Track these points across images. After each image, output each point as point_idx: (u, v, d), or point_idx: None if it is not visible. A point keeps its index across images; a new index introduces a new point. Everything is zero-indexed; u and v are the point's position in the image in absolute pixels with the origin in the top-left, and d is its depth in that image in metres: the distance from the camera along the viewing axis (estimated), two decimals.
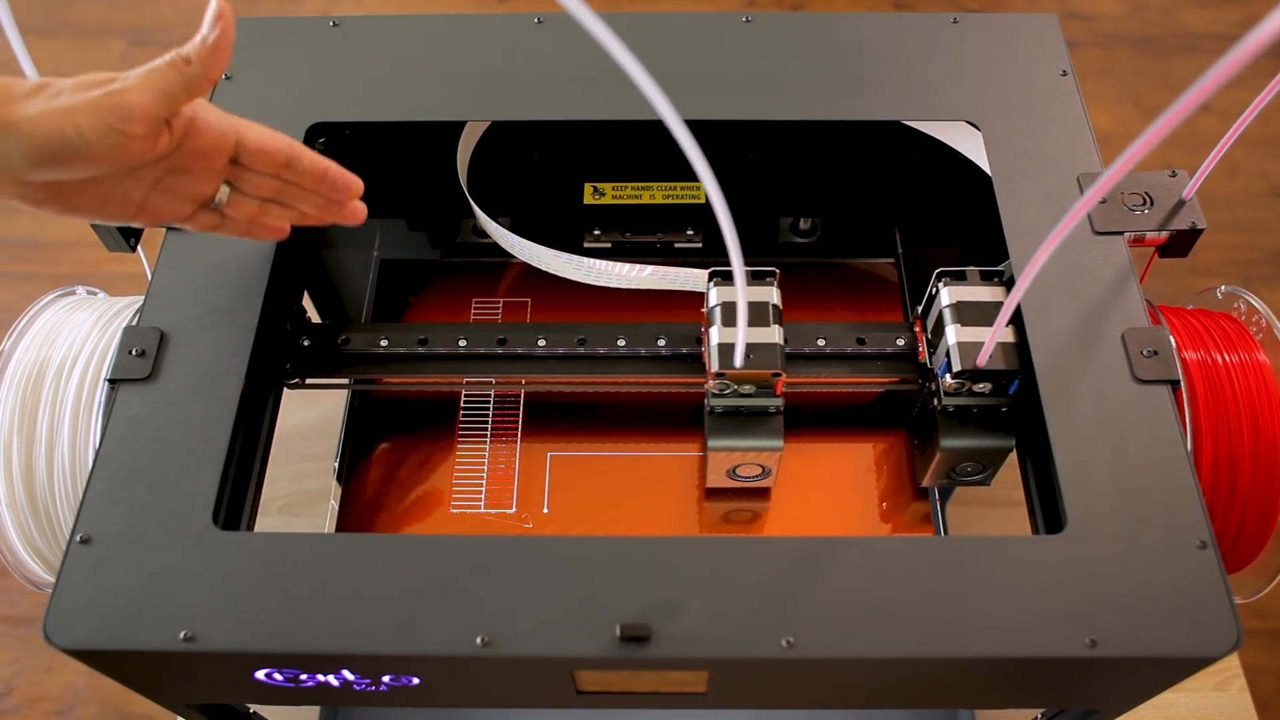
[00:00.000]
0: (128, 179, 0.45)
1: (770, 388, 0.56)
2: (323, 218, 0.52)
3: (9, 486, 0.55)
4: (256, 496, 0.56)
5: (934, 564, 0.47)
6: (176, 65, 0.43)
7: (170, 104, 0.43)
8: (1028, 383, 0.53)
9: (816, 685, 0.50)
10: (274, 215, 0.51)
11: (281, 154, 0.49)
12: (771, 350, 0.55)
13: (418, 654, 0.45)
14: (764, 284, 0.57)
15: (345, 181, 0.51)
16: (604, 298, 0.72)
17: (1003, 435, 0.56)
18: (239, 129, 0.47)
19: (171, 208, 0.48)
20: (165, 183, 0.47)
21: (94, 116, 0.41)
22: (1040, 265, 0.43)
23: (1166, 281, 1.41)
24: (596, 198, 0.71)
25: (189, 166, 0.47)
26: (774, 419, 0.57)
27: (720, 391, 0.56)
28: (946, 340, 0.55)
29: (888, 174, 0.70)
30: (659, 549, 0.48)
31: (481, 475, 0.65)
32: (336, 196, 0.51)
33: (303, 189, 0.50)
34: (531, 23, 0.67)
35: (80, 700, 1.16)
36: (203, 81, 0.44)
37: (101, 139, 0.42)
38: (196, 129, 0.46)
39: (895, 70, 0.64)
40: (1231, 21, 1.77)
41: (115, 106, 0.42)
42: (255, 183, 0.49)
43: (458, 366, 0.61)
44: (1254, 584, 0.59)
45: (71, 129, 0.41)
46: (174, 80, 0.43)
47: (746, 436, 0.57)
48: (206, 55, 0.44)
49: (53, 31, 1.78)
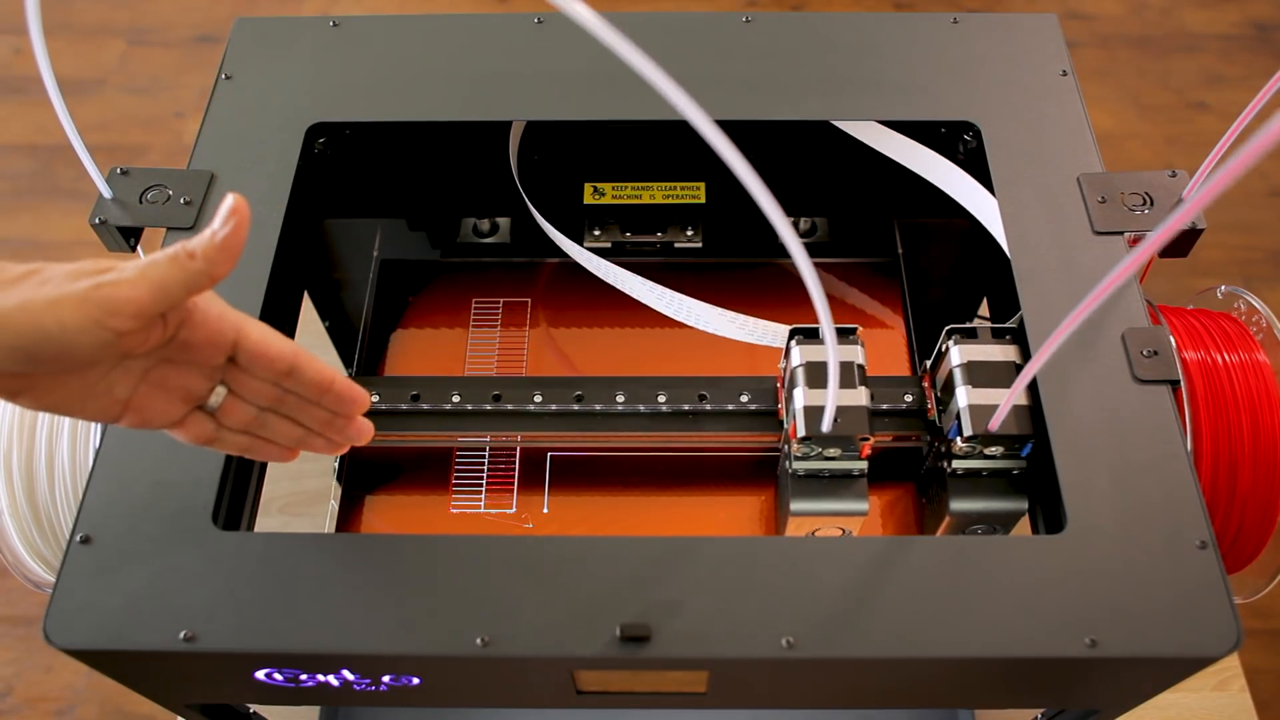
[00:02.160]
0: (114, 372, 0.41)
1: (856, 450, 0.54)
2: (326, 434, 0.48)
3: (9, 487, 0.55)
4: (256, 496, 0.56)
5: (934, 564, 0.47)
6: (179, 260, 0.39)
7: (166, 301, 0.39)
8: (1041, 440, 0.52)
9: (816, 685, 0.50)
10: (272, 428, 0.46)
11: (284, 360, 0.44)
12: (860, 413, 0.52)
13: (418, 654, 0.45)
14: (849, 342, 0.55)
15: (351, 395, 0.46)
16: (605, 299, 0.72)
17: (1016, 498, 0.54)
18: (240, 327, 0.43)
19: (161, 407, 0.43)
20: (155, 374, 0.42)
21: (79, 311, 0.37)
22: (1059, 342, 0.41)
23: (1166, 281, 1.41)
24: (596, 198, 0.71)
25: (181, 359, 0.42)
26: (858, 481, 0.55)
27: (805, 455, 0.54)
28: (957, 402, 0.53)
29: (888, 174, 0.70)
30: (659, 549, 0.48)
31: (481, 475, 0.65)
32: (342, 410, 0.47)
33: (304, 400, 0.46)
34: (531, 23, 0.67)
35: (80, 700, 1.16)
36: (204, 279, 0.40)
37: (84, 335, 0.38)
38: (193, 321, 0.42)
39: (895, 70, 0.64)
40: (1231, 21, 1.77)
41: (104, 301, 0.38)
42: (253, 388, 0.45)
43: (451, 423, 0.59)
44: (1254, 584, 0.59)
45: (53, 323, 0.37)
46: (174, 276, 0.39)
47: (831, 499, 0.55)
48: (214, 253, 0.40)
49: (53, 31, 1.78)
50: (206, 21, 1.81)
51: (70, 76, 1.72)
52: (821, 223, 0.78)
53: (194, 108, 1.67)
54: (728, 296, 0.73)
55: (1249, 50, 1.73)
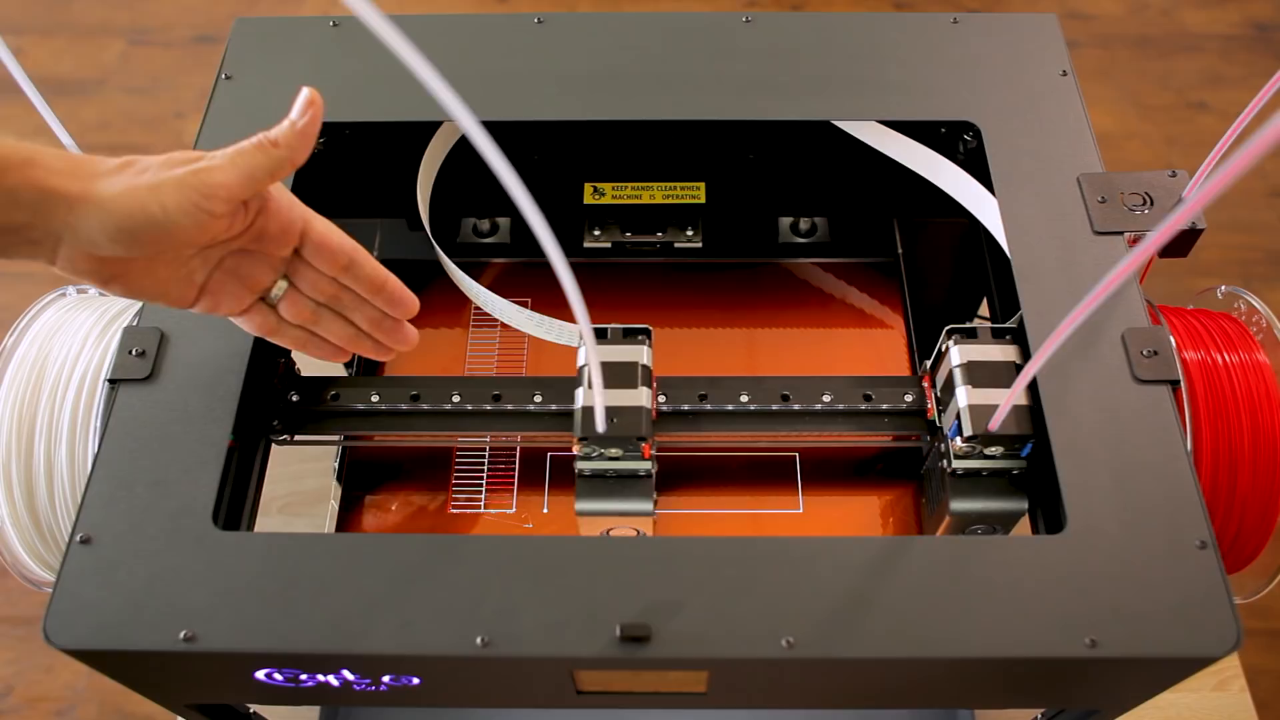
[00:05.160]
0: (195, 259, 0.46)
1: (638, 451, 0.54)
2: (374, 336, 0.52)
3: (8, 487, 0.55)
4: (256, 496, 0.56)
5: (934, 564, 0.47)
6: (264, 147, 0.44)
7: (254, 185, 0.44)
8: (1040, 440, 0.52)
9: (816, 685, 0.50)
10: (326, 324, 0.51)
11: (344, 253, 0.49)
12: (637, 414, 0.52)
13: (418, 654, 0.45)
14: (634, 343, 0.55)
15: (403, 296, 0.51)
16: (604, 299, 0.72)
17: (1015, 498, 0.54)
18: (308, 218, 0.48)
19: (231, 294, 0.48)
20: (229, 264, 0.47)
21: (179, 194, 0.42)
22: (1060, 342, 0.41)
23: (1166, 281, 1.41)
24: (596, 198, 0.71)
25: (254, 249, 0.47)
26: (644, 482, 0.55)
27: (587, 455, 0.54)
28: (957, 402, 0.53)
29: (888, 174, 0.70)
30: (659, 549, 0.48)
31: (481, 476, 0.65)
32: (393, 312, 0.51)
33: (359, 298, 0.50)
34: (531, 23, 0.67)
35: (80, 700, 1.16)
36: (287, 165, 0.44)
37: (185, 216, 0.42)
38: (268, 211, 0.46)
39: (895, 70, 0.64)
40: (1232, 21, 1.77)
41: (201, 185, 0.42)
42: (312, 280, 0.49)
43: (451, 422, 0.59)
44: (1254, 584, 0.59)
45: (156, 205, 0.41)
46: (260, 162, 0.43)
47: (615, 500, 0.55)
48: (294, 139, 0.44)
49: (53, 31, 1.78)
50: (206, 21, 1.80)
51: (70, 76, 1.72)
52: (821, 223, 0.78)
53: (194, 108, 1.67)
54: (728, 296, 0.73)
55: (1249, 50, 1.73)
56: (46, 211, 0.41)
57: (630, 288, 0.73)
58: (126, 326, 0.55)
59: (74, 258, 0.42)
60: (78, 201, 0.41)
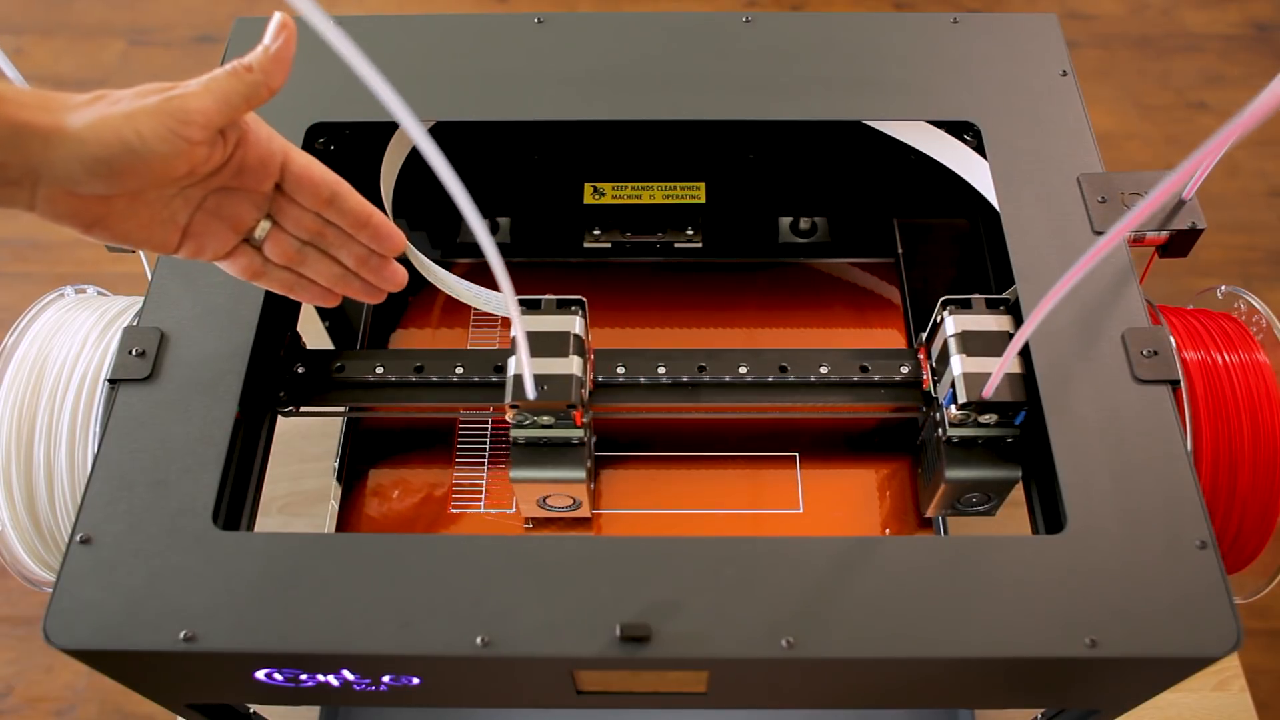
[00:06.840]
0: (177, 199, 0.45)
1: (569, 419, 0.54)
2: (361, 275, 0.51)
3: (8, 487, 0.55)
4: (256, 496, 0.56)
5: (934, 564, 0.47)
6: (238, 73, 0.43)
7: (230, 111, 0.43)
8: (1034, 409, 0.52)
9: (816, 685, 0.50)
10: (313, 264, 0.50)
11: (327, 186, 0.48)
12: (566, 382, 0.53)
13: (418, 654, 0.45)
14: (567, 313, 0.56)
15: (388, 231, 0.50)
16: (604, 299, 0.72)
17: (1009, 466, 0.55)
18: (287, 150, 0.47)
19: (215, 235, 0.47)
20: (211, 203, 0.46)
21: (154, 120, 0.41)
22: (1051, 306, 0.42)
23: (1166, 281, 1.41)
24: (596, 198, 0.71)
25: (235, 185, 0.46)
26: (577, 450, 0.55)
27: (520, 423, 0.55)
28: (952, 371, 0.54)
29: (888, 174, 0.70)
30: (659, 549, 0.48)
31: (482, 475, 0.65)
32: (378, 248, 0.50)
33: (343, 234, 0.50)
34: (531, 23, 0.67)
35: (80, 700, 1.16)
36: (263, 90, 0.44)
37: (162, 143, 0.41)
38: (247, 142, 0.45)
39: (895, 70, 0.64)
40: (1231, 21, 1.77)
41: (176, 110, 0.41)
42: (296, 217, 0.48)
43: (455, 394, 0.59)
44: (1254, 584, 0.59)
45: (132, 133, 0.41)
46: (235, 87, 0.43)
47: (548, 468, 0.56)
48: (269, 64, 0.44)
49: (53, 31, 1.78)
50: (206, 21, 1.80)
51: (70, 76, 1.72)
52: (821, 223, 0.78)
53: None
54: (728, 296, 0.73)
55: (1249, 50, 1.73)
56: (21, 147, 0.39)
57: (630, 288, 0.73)
58: (126, 326, 0.55)
59: (54, 198, 0.41)
60: (52, 134, 0.40)
